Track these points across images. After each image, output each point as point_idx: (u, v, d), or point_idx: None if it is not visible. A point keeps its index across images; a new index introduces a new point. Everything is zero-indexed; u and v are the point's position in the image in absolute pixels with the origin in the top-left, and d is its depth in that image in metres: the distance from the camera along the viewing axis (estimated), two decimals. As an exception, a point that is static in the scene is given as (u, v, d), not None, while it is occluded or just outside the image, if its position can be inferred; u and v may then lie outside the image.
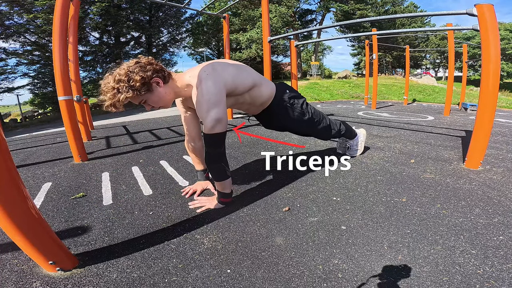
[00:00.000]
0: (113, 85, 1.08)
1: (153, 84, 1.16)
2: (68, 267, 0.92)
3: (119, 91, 1.08)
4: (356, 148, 2.11)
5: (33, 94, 15.54)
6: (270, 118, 1.56)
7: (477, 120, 1.74)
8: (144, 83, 1.12)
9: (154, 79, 1.16)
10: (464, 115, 4.98)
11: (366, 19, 2.91)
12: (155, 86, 1.17)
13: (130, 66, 1.12)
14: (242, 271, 0.88)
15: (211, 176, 1.28)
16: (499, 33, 1.65)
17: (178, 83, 1.25)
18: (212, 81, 1.14)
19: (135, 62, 1.15)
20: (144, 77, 1.11)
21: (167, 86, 1.21)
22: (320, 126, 1.67)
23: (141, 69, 1.12)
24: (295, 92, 1.59)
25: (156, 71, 1.16)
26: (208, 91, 1.12)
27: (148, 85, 1.14)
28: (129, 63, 1.14)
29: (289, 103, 1.50)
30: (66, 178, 1.91)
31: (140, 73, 1.10)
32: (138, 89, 1.11)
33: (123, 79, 1.08)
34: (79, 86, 3.34)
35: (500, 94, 13.64)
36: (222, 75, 1.19)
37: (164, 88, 1.20)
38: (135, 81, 1.09)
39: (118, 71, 1.11)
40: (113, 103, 1.09)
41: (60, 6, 2.10)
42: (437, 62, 34.07)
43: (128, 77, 1.09)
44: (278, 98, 1.48)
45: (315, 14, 22.74)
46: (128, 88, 1.09)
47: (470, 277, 0.81)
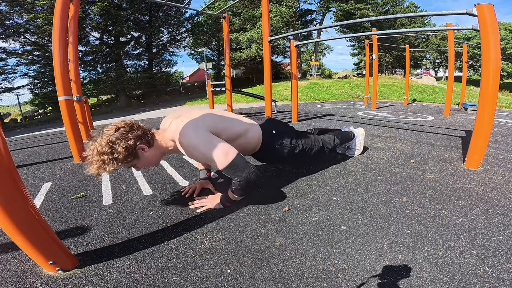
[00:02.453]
0: (97, 158, 1.03)
1: (138, 151, 1.12)
2: (68, 267, 0.92)
3: (104, 163, 1.03)
4: (355, 148, 2.12)
5: (33, 94, 15.53)
6: (262, 158, 1.63)
7: (477, 120, 1.74)
8: (129, 154, 1.08)
9: (139, 146, 1.12)
10: (464, 115, 4.98)
11: (366, 19, 2.91)
12: (141, 152, 1.14)
13: (111, 135, 1.06)
14: (242, 271, 0.88)
15: (234, 193, 1.23)
16: (499, 33, 1.65)
17: (162, 142, 1.22)
18: (192, 129, 1.13)
19: (115, 130, 1.09)
20: (128, 147, 1.07)
21: (153, 149, 1.19)
22: (312, 152, 1.66)
23: (123, 138, 1.07)
24: (282, 127, 1.58)
25: (139, 137, 1.11)
26: (193, 139, 1.11)
27: (134, 153, 1.10)
28: (109, 132, 1.08)
29: (278, 144, 1.50)
30: (66, 178, 1.91)
31: (122, 144, 1.05)
32: (123, 160, 1.07)
33: (106, 151, 1.03)
34: (79, 86, 3.34)
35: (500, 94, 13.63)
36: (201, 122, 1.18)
37: (150, 151, 1.17)
38: (119, 153, 1.05)
39: (100, 141, 1.05)
40: (98, 173, 1.05)
41: (60, 6, 2.10)
42: (437, 62, 34.07)
43: (111, 149, 1.04)
44: (266, 141, 1.46)
45: (315, 14, 22.73)
46: (112, 161, 1.04)
47: (470, 277, 0.81)
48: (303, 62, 27.12)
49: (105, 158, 1.03)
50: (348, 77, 21.08)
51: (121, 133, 1.08)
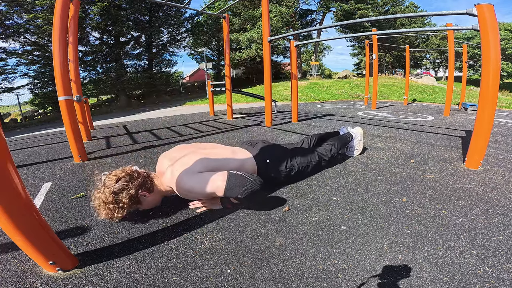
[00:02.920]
0: (104, 207, 1.13)
1: (140, 198, 1.22)
2: (68, 267, 0.92)
3: (112, 211, 1.14)
4: (354, 148, 2.12)
5: (33, 94, 15.52)
6: None
7: (477, 120, 1.74)
8: (132, 201, 1.18)
9: (140, 194, 1.20)
10: (464, 115, 4.98)
11: (366, 19, 2.91)
12: (143, 198, 1.23)
13: (113, 187, 1.14)
14: (242, 271, 0.88)
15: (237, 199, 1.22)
16: (499, 33, 1.65)
17: (161, 187, 1.30)
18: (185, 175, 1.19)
19: (116, 181, 1.16)
20: (131, 196, 1.16)
21: (153, 194, 1.27)
22: (309, 169, 1.68)
23: (124, 189, 1.15)
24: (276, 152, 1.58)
25: (140, 186, 1.20)
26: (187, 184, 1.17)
27: (137, 200, 1.20)
28: (111, 183, 1.15)
29: (273, 172, 1.52)
30: (66, 178, 1.91)
31: (125, 195, 1.15)
32: (127, 207, 1.17)
33: (111, 201, 1.13)
34: (79, 86, 3.34)
35: (500, 94, 13.63)
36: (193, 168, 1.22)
37: (151, 196, 1.26)
38: (124, 203, 1.15)
39: (104, 192, 1.14)
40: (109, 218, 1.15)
41: (60, 6, 2.10)
42: (437, 62, 34.07)
43: (115, 199, 1.14)
44: (261, 172, 1.48)
45: (315, 14, 22.73)
46: (118, 209, 1.14)
47: (470, 277, 0.81)
48: (303, 62, 27.13)
49: (111, 207, 1.13)
50: (348, 77, 21.08)
51: (122, 184, 1.16)
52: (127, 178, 1.18)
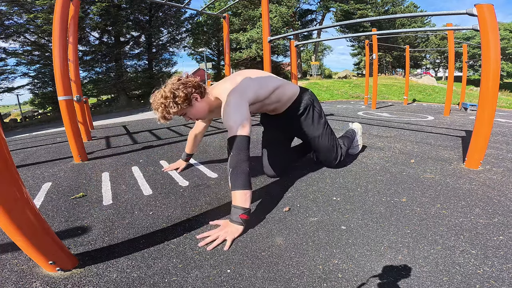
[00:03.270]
0: (161, 101, 1.26)
1: (193, 99, 1.31)
2: (68, 267, 0.92)
3: (166, 106, 1.26)
4: (357, 144, 2.14)
5: (33, 94, 15.51)
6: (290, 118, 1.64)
7: (477, 120, 1.74)
8: (186, 99, 1.28)
9: (194, 95, 1.31)
10: (464, 115, 4.98)
11: (366, 19, 2.91)
12: (194, 101, 1.33)
13: (174, 83, 1.29)
14: (242, 271, 0.88)
15: (231, 186, 1.12)
16: (499, 33, 1.65)
17: (211, 96, 1.39)
18: (235, 93, 1.28)
19: (177, 79, 1.31)
20: (187, 93, 1.27)
21: (203, 101, 1.36)
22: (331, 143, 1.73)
23: (183, 86, 1.28)
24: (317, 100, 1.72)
25: (195, 87, 1.31)
26: (233, 102, 1.24)
27: (189, 100, 1.30)
28: (173, 81, 1.31)
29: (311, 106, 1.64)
30: (66, 178, 1.91)
31: (183, 90, 1.26)
32: (182, 103, 1.27)
33: (168, 95, 1.25)
34: (79, 86, 3.34)
35: (500, 94, 13.64)
36: (245, 90, 1.32)
37: (201, 102, 1.35)
38: (180, 97, 1.26)
39: (164, 89, 1.28)
40: (163, 116, 1.28)
41: (60, 6, 2.10)
42: (437, 62, 34.08)
43: (173, 94, 1.26)
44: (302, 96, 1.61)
45: (315, 14, 22.75)
46: (173, 104, 1.26)
47: (470, 277, 0.81)
48: (303, 62, 27.14)
49: (167, 102, 1.25)
50: (348, 77, 21.08)
51: (182, 82, 1.29)
52: (186, 79, 1.32)
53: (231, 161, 1.16)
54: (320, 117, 1.69)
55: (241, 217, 1.09)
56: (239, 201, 1.11)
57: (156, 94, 1.31)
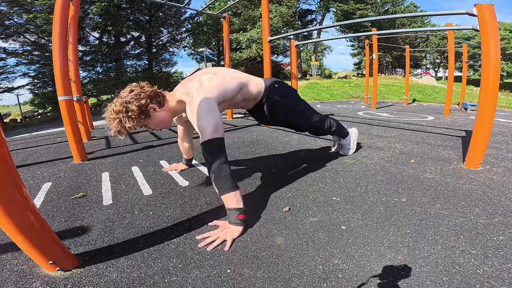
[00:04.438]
0: (114, 116, 1.16)
1: (150, 110, 1.23)
2: (68, 267, 0.92)
3: (121, 121, 1.16)
4: (349, 147, 2.14)
5: (33, 94, 15.52)
6: (263, 112, 1.60)
7: (477, 120, 1.74)
8: (141, 112, 1.19)
9: (150, 106, 1.22)
10: (464, 115, 4.98)
11: (366, 19, 2.91)
12: (153, 112, 1.24)
13: (125, 96, 1.19)
14: (242, 271, 0.88)
15: (219, 191, 1.12)
16: (499, 33, 1.65)
17: (172, 103, 1.31)
18: (201, 94, 1.20)
19: (129, 91, 1.21)
20: (140, 105, 1.18)
21: (163, 109, 1.28)
22: (311, 119, 1.75)
23: (135, 98, 1.18)
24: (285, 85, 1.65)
25: (150, 98, 1.22)
26: (199, 104, 1.17)
27: (146, 112, 1.21)
28: (124, 93, 1.21)
29: (280, 95, 1.56)
30: (66, 178, 1.91)
31: (135, 103, 1.17)
32: (137, 117, 1.18)
33: (121, 109, 1.16)
34: (79, 86, 3.34)
35: (500, 94, 13.64)
36: (210, 89, 1.23)
37: (161, 111, 1.27)
38: (133, 111, 1.17)
39: (115, 102, 1.18)
40: (118, 131, 1.18)
41: (60, 6, 2.10)
42: (437, 62, 34.08)
43: (125, 108, 1.16)
44: (269, 91, 1.53)
45: (315, 14, 22.75)
46: (127, 118, 1.16)
47: (470, 277, 0.81)
48: (303, 62, 27.14)
49: (120, 116, 1.16)
50: (348, 77, 21.08)
51: (134, 94, 1.19)
52: (140, 89, 1.22)
53: (212, 167, 1.12)
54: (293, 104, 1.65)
55: (238, 217, 1.10)
56: (232, 203, 1.11)
57: (108, 108, 1.20)
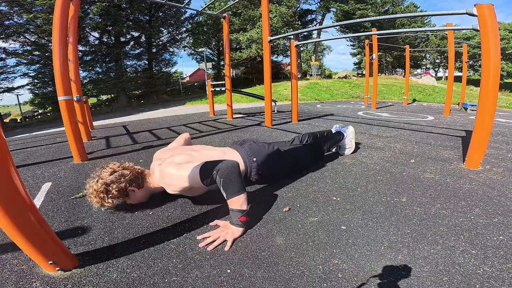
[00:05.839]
0: (95, 194, 1.22)
1: (129, 192, 1.30)
2: (68, 267, 0.92)
3: (102, 199, 1.23)
4: (346, 146, 2.15)
5: (33, 94, 15.53)
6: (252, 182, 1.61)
7: (477, 120, 1.74)
8: (120, 194, 1.26)
9: (130, 188, 1.29)
10: (464, 115, 4.98)
11: (366, 19, 2.91)
12: (132, 193, 1.31)
13: (106, 178, 1.25)
14: (242, 271, 0.88)
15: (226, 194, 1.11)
16: (499, 33, 1.65)
17: (151, 185, 1.37)
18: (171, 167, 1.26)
19: (110, 173, 1.27)
20: (120, 189, 1.25)
21: (142, 190, 1.35)
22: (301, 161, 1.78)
23: (116, 181, 1.25)
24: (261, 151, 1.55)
25: (130, 181, 1.29)
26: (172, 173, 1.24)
27: (125, 194, 1.28)
28: (106, 174, 1.27)
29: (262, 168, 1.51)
30: (66, 178, 1.91)
31: (115, 187, 1.24)
32: (116, 198, 1.25)
33: (102, 190, 1.22)
34: (79, 86, 3.34)
35: (500, 94, 13.63)
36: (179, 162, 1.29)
37: (140, 192, 1.34)
38: (113, 194, 1.23)
39: (97, 183, 1.24)
40: (101, 206, 1.25)
41: (60, 6, 2.10)
42: (437, 62, 34.09)
43: (106, 190, 1.23)
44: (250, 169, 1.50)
45: (315, 14, 22.74)
46: (107, 198, 1.23)
47: (470, 277, 0.81)
48: (303, 62, 27.14)
49: (101, 196, 1.22)
50: (348, 77, 21.08)
51: (115, 177, 1.26)
52: (120, 172, 1.28)
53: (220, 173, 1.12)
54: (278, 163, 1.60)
55: (241, 219, 1.09)
56: (237, 205, 1.11)
57: (90, 184, 1.26)
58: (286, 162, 1.67)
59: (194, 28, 20.67)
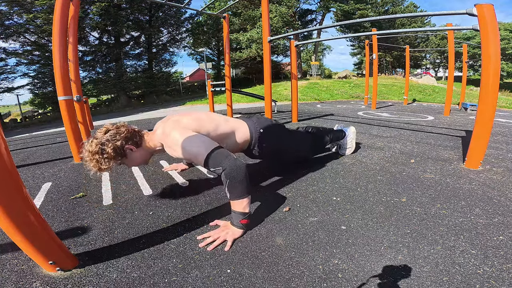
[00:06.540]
0: (90, 157, 1.16)
1: (126, 151, 1.23)
2: (68, 267, 0.92)
3: (98, 162, 1.16)
4: (347, 146, 2.14)
5: (33, 94, 15.53)
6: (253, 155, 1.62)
7: (477, 120, 1.74)
8: (117, 154, 1.19)
9: (126, 147, 1.23)
10: (464, 115, 4.98)
11: (366, 19, 2.91)
12: (129, 152, 1.25)
13: (101, 138, 1.19)
14: (242, 271, 0.88)
15: (230, 196, 1.08)
16: (499, 33, 1.65)
17: (150, 143, 1.31)
18: (178, 129, 1.21)
19: (104, 132, 1.21)
20: (115, 147, 1.18)
21: (140, 149, 1.29)
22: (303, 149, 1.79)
23: (111, 140, 1.19)
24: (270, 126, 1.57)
25: (127, 139, 1.23)
26: (179, 136, 1.17)
27: (122, 153, 1.22)
28: (100, 134, 1.21)
29: (267, 141, 1.53)
30: (66, 178, 1.91)
31: (110, 145, 1.17)
32: (113, 158, 1.18)
33: (97, 151, 1.16)
34: (79, 86, 3.34)
35: (500, 94, 13.64)
36: (185, 125, 1.25)
37: (138, 151, 1.28)
38: (108, 154, 1.17)
39: (91, 143, 1.18)
40: (98, 170, 1.18)
41: (60, 6, 2.10)
42: (437, 62, 34.09)
43: (101, 149, 1.16)
44: (255, 139, 1.50)
45: (315, 14, 22.74)
46: (103, 159, 1.16)
47: (470, 277, 0.81)
48: (303, 62, 27.13)
49: (97, 157, 1.16)
50: (348, 77, 21.07)
51: (110, 135, 1.20)
52: (115, 130, 1.22)
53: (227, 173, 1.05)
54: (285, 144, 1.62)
55: (242, 222, 1.08)
56: (239, 207, 1.08)
57: (85, 146, 1.19)
58: (289, 142, 1.68)
59: (194, 28, 20.67)
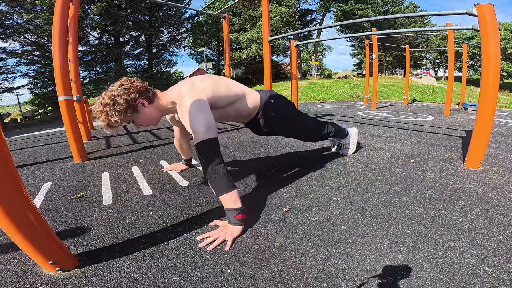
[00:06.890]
0: (101, 109, 1.15)
1: (138, 105, 1.21)
2: (68, 267, 0.92)
3: (108, 114, 1.15)
4: (348, 146, 2.13)
5: (33, 94, 15.53)
6: (259, 126, 1.61)
7: (477, 120, 1.74)
8: (129, 105, 1.17)
9: (139, 100, 1.21)
10: (464, 115, 4.98)
11: (366, 19, 2.91)
12: (141, 107, 1.22)
13: (114, 90, 1.18)
14: (242, 271, 0.88)
15: (216, 192, 1.11)
16: (499, 33, 1.65)
17: (163, 101, 1.29)
18: (193, 95, 1.19)
19: (119, 85, 1.20)
20: (128, 99, 1.17)
21: (152, 106, 1.27)
22: (309, 129, 1.80)
23: (124, 92, 1.17)
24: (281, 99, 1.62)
25: (140, 93, 1.21)
26: (191, 104, 1.16)
27: (134, 106, 1.20)
28: (114, 87, 1.20)
29: (276, 111, 1.55)
30: (66, 178, 1.91)
31: (124, 96, 1.16)
32: (123, 111, 1.17)
33: (108, 102, 1.15)
34: (79, 86, 3.34)
35: (500, 94, 13.64)
36: (201, 90, 1.23)
37: (150, 108, 1.25)
38: (120, 105, 1.15)
39: (104, 95, 1.17)
40: (107, 125, 1.17)
41: (60, 6, 2.10)
42: (437, 62, 34.09)
43: (113, 101, 1.15)
44: (264, 107, 1.51)
45: (315, 14, 22.73)
46: (114, 112, 1.15)
47: (470, 277, 0.81)
48: (303, 62, 27.13)
49: (107, 109, 1.14)
50: (348, 77, 21.06)
51: (124, 88, 1.18)
52: (129, 84, 1.21)
53: (207, 169, 1.10)
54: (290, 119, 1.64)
55: (237, 217, 1.09)
56: (229, 203, 1.10)
57: (96, 101, 1.19)
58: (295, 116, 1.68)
59: (194, 28, 20.67)
